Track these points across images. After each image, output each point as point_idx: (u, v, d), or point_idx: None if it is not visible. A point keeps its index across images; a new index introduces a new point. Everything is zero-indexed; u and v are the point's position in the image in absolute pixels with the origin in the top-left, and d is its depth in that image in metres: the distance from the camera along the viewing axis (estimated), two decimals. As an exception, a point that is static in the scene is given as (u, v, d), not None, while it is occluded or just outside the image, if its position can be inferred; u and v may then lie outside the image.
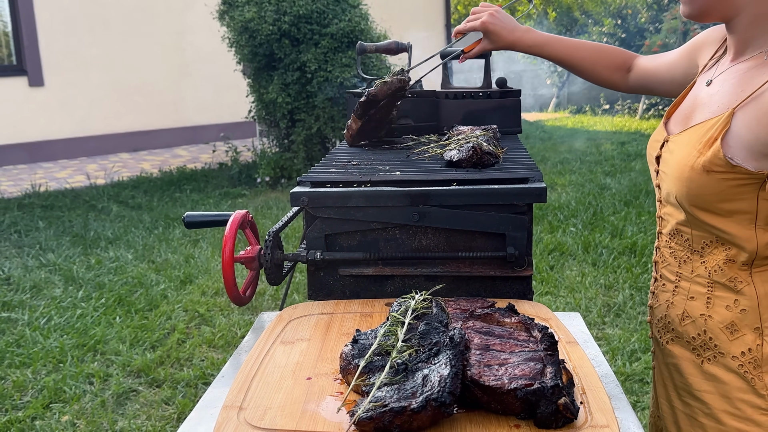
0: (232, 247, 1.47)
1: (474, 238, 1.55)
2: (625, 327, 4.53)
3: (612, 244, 6.05)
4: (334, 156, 1.96)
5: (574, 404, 0.99)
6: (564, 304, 4.87)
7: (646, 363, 4.01)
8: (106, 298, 5.16)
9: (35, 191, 8.68)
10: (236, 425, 1.01)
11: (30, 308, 5.04)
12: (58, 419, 3.62)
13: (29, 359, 4.24)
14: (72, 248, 6.42)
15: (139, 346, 4.42)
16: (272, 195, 8.45)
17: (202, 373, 4.06)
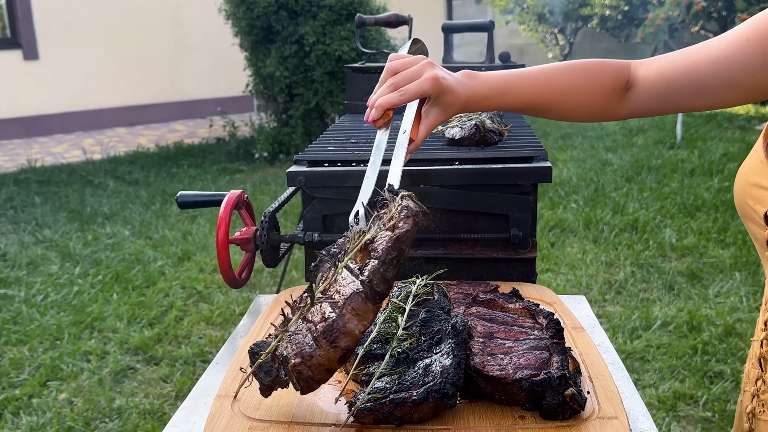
0: (226, 229, 1.42)
1: (476, 220, 1.50)
2: (626, 304, 4.51)
3: (613, 220, 6.00)
4: (332, 133, 1.90)
5: (581, 395, 0.95)
6: (565, 281, 4.84)
7: (647, 341, 3.99)
8: (104, 275, 5.12)
9: (31, 166, 8.62)
10: (230, 416, 0.97)
11: (26, 285, 5.01)
12: (55, 397, 3.60)
13: (26, 336, 4.22)
14: (68, 224, 6.38)
15: (137, 323, 4.40)
16: (270, 171, 8.39)
17: (201, 350, 4.04)
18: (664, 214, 6.15)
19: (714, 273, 4.93)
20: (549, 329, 1.06)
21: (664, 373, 3.67)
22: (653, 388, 3.56)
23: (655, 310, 4.39)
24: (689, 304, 4.43)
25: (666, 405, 3.39)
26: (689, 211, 6.21)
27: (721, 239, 5.51)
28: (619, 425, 0.93)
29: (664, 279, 4.84)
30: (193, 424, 1.02)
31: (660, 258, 5.24)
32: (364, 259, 0.95)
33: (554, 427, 0.93)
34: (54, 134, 10.99)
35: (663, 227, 5.83)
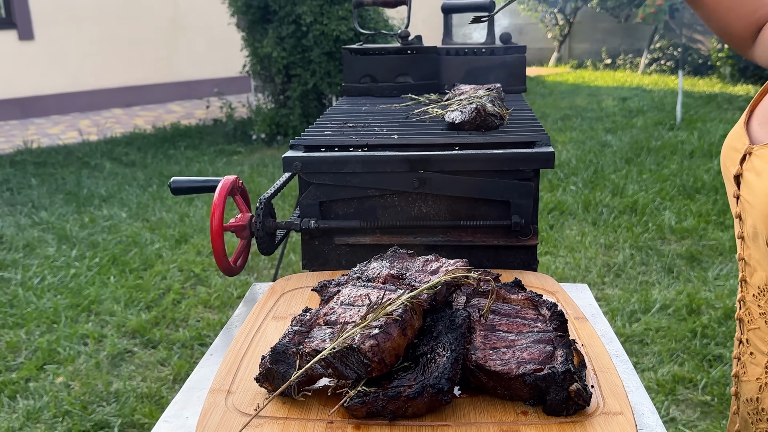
0: (221, 215, 1.39)
1: (477, 206, 1.47)
2: (625, 287, 4.49)
3: (613, 202, 5.97)
4: (329, 116, 1.86)
5: (586, 390, 0.92)
6: (563, 264, 4.82)
7: (646, 324, 3.98)
8: (100, 258, 5.09)
9: (27, 148, 8.56)
10: (224, 412, 0.95)
11: (23, 267, 4.98)
12: (52, 381, 3.58)
13: (23, 320, 4.20)
14: (65, 206, 6.34)
15: (134, 306, 4.37)
16: (268, 152, 8.33)
17: (198, 334, 4.01)
18: (664, 196, 6.11)
19: (713, 255, 4.91)
20: (552, 321, 1.03)
21: (663, 357, 3.65)
22: (652, 371, 3.54)
23: (654, 293, 4.37)
24: (688, 287, 4.41)
25: (665, 388, 3.37)
26: (689, 193, 6.18)
27: (721, 221, 5.49)
28: (624, 421, 0.90)
29: (664, 262, 4.82)
30: (185, 419, 0.99)
31: (659, 240, 5.22)
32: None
33: (558, 424, 0.91)
34: (50, 115, 10.91)
35: (662, 209, 5.80)
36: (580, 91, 12.64)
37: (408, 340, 0.96)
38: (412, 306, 0.97)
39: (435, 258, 1.19)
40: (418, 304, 0.99)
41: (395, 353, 0.94)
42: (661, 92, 11.82)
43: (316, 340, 0.96)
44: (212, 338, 4.00)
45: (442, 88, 2.24)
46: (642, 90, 12.31)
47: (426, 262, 1.16)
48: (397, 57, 2.22)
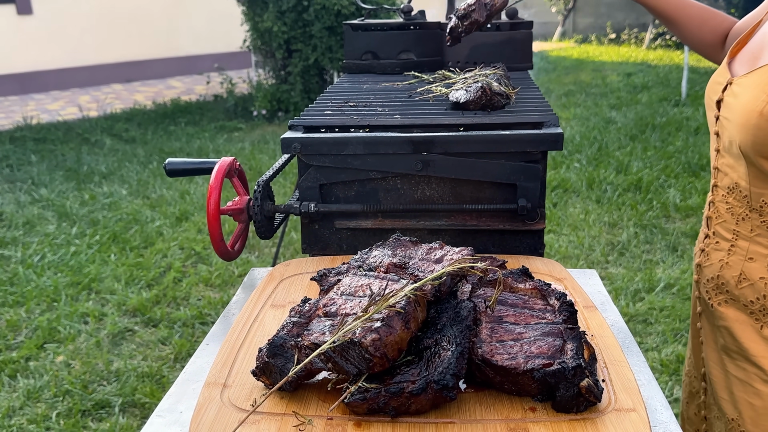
0: (218, 198, 1.34)
1: (482, 189, 1.42)
2: (629, 266, 4.45)
3: (617, 180, 5.91)
4: (330, 95, 1.80)
5: (597, 386, 0.88)
6: (567, 242, 4.78)
7: (650, 303, 3.94)
8: (101, 235, 5.06)
9: (27, 124, 8.50)
10: (219, 407, 0.91)
11: (23, 245, 4.95)
12: (52, 360, 3.56)
13: (23, 298, 4.17)
14: (65, 183, 6.29)
15: (135, 284, 4.34)
16: (269, 129, 8.26)
17: (199, 312, 3.99)
18: (669, 173, 6.06)
19: (718, 234, 4.86)
20: (562, 312, 0.99)
21: (667, 336, 3.62)
22: (656, 351, 3.52)
23: (658, 271, 4.34)
24: (693, 266, 4.37)
25: (669, 369, 3.35)
26: (694, 171, 6.12)
27: (726, 199, 5.43)
28: (637, 419, 0.86)
29: (668, 240, 4.78)
30: (180, 413, 0.96)
31: (664, 218, 5.17)
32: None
33: (568, 421, 0.87)
34: (50, 91, 10.82)
35: (667, 187, 5.75)
36: (584, 67, 12.52)
37: (411, 333, 0.92)
38: (416, 298, 0.93)
39: (439, 246, 1.15)
40: (422, 296, 0.95)
41: (398, 347, 0.90)
42: (666, 67, 11.69)
43: (315, 333, 0.92)
44: (213, 317, 3.98)
45: (447, 66, 2.18)
46: (647, 65, 12.18)
47: (430, 250, 1.12)
48: (400, 33, 2.15)
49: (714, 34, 1.58)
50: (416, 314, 0.93)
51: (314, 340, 0.90)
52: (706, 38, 1.59)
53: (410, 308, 0.92)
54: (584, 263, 4.47)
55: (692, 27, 1.58)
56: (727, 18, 1.59)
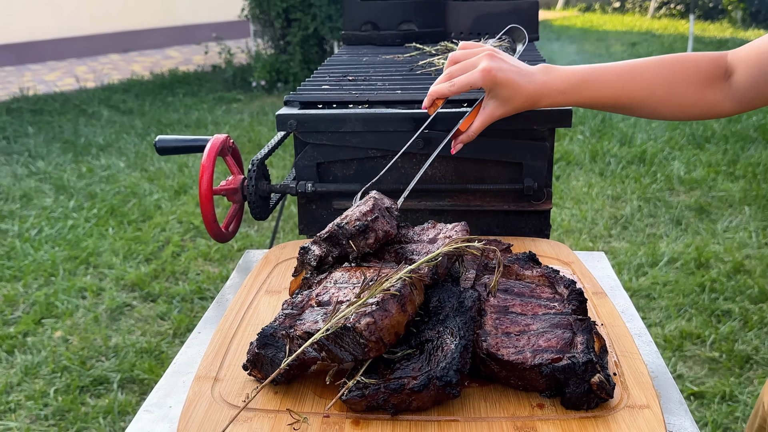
0: (210, 178, 1.28)
1: (486, 168, 1.36)
2: (632, 240, 4.40)
3: (620, 152, 5.84)
4: (327, 68, 1.74)
5: (609, 381, 0.83)
6: (569, 216, 4.73)
7: (654, 278, 3.90)
8: (98, 209, 5.01)
9: (24, 95, 8.40)
10: (210, 403, 0.86)
11: (20, 219, 4.90)
12: (50, 335, 3.53)
13: (20, 272, 4.14)
14: (62, 155, 6.23)
15: (133, 259, 4.30)
16: (268, 100, 8.17)
17: (198, 287, 3.95)
18: (673, 145, 5.98)
19: (723, 207, 4.81)
20: (571, 301, 0.94)
21: (670, 312, 3.59)
22: (659, 327, 3.48)
23: (661, 246, 4.29)
24: (697, 240, 4.32)
25: (672, 345, 3.32)
26: (698, 143, 6.05)
27: (731, 172, 5.37)
28: (651, 416, 0.82)
29: (672, 213, 4.73)
30: (169, 408, 0.91)
31: (668, 192, 5.11)
32: None
33: (578, 419, 0.82)
34: (46, 61, 10.69)
35: (671, 159, 5.68)
36: (588, 36, 12.35)
37: (408, 316, 0.86)
38: (412, 281, 0.88)
39: (431, 225, 1.09)
40: (418, 279, 0.90)
41: (394, 331, 0.85)
42: (671, 37, 11.53)
43: (308, 322, 0.87)
44: (212, 292, 3.94)
45: (449, 37, 2.10)
46: (651, 35, 12.01)
47: (422, 231, 1.06)
48: (401, 2, 2.08)
49: (696, 86, 1.15)
50: (412, 297, 0.88)
51: (307, 329, 0.85)
52: (685, 96, 1.16)
53: (406, 291, 0.86)
54: (587, 237, 4.42)
55: (659, 95, 1.16)
56: (703, 58, 1.17)
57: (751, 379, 3.05)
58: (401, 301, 0.84)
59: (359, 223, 0.97)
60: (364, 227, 0.97)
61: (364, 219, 0.98)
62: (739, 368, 3.13)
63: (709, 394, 2.97)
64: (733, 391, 2.96)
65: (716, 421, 2.81)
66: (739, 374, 3.08)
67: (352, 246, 0.96)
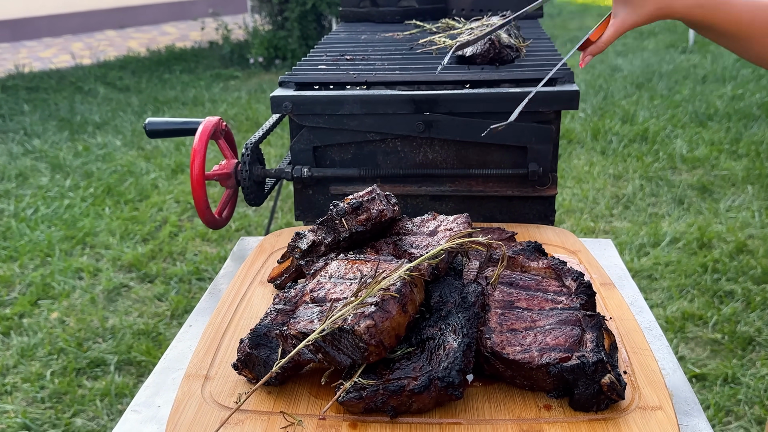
0: (202, 162, 1.23)
1: (489, 152, 1.31)
2: (634, 220, 4.35)
3: (622, 130, 5.77)
4: (324, 47, 1.68)
5: (620, 381, 0.79)
6: (571, 195, 4.67)
7: (656, 258, 3.86)
8: (95, 188, 4.95)
9: (19, 72, 8.30)
10: (200, 403, 0.82)
11: (16, 198, 4.85)
12: (46, 317, 3.50)
13: (16, 253, 4.09)
14: (58, 133, 6.15)
15: (130, 239, 4.25)
16: (266, 77, 8.07)
17: (196, 268, 3.91)
18: (675, 123, 5.91)
19: (725, 186, 4.75)
20: (579, 295, 0.89)
21: (672, 293, 3.55)
22: (661, 308, 3.45)
23: (663, 225, 4.24)
24: (699, 219, 4.27)
25: (674, 326, 3.28)
26: (701, 121, 5.97)
27: (734, 150, 5.31)
28: (664, 418, 0.77)
29: (674, 193, 4.67)
30: (157, 408, 0.87)
31: (670, 170, 5.05)
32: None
33: (587, 421, 0.78)
34: (42, 38, 10.56)
35: (674, 137, 5.61)
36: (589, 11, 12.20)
37: (409, 317, 0.82)
38: (412, 279, 0.83)
39: (431, 216, 1.04)
40: (419, 276, 0.85)
41: (395, 333, 0.80)
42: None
43: (302, 321, 0.82)
44: (210, 273, 3.90)
45: (451, 14, 2.04)
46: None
47: (422, 222, 1.02)
48: (400, -22, 2.01)
49: None
50: (413, 296, 0.83)
51: (302, 329, 0.81)
52: None
53: (406, 290, 0.82)
54: (588, 217, 4.37)
55: (756, 38, 1.13)
56: None
57: (754, 361, 3.02)
58: (402, 302, 0.79)
59: (354, 200, 0.93)
60: (358, 204, 0.92)
61: (360, 198, 0.93)
62: (742, 350, 3.10)
63: (711, 376, 2.94)
64: (736, 373, 2.93)
65: (718, 404, 2.78)
66: (741, 356, 3.05)
67: (344, 224, 0.91)
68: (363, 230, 0.92)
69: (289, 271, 0.98)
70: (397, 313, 0.80)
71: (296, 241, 0.96)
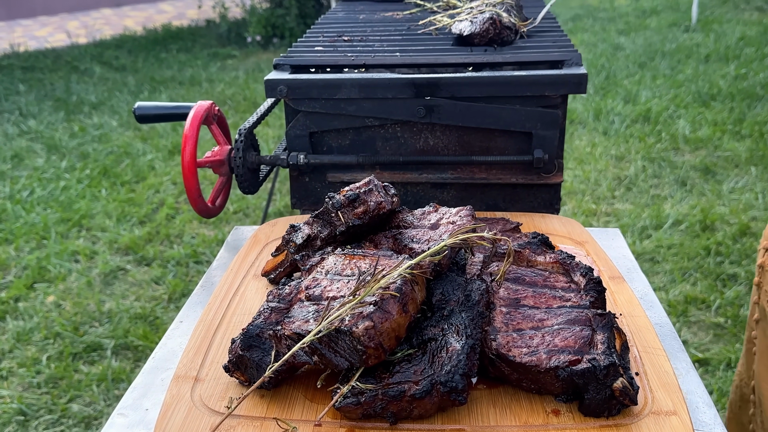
0: (193, 149, 1.18)
1: (493, 138, 1.25)
2: (636, 202, 4.31)
3: (625, 110, 5.70)
4: (321, 27, 1.62)
5: (633, 385, 0.74)
6: (572, 177, 4.62)
7: (658, 241, 3.82)
8: (91, 169, 4.89)
9: (14, 51, 8.21)
10: (189, 408, 0.78)
11: (11, 180, 4.80)
12: (42, 300, 3.46)
13: (11, 235, 4.05)
14: (54, 114, 6.09)
15: (127, 221, 4.21)
16: (264, 56, 7.98)
17: (193, 251, 3.87)
18: (678, 103, 5.84)
19: (729, 167, 4.70)
20: (588, 292, 0.85)
21: (675, 276, 3.51)
22: (663, 291, 3.41)
23: (666, 207, 4.19)
24: (702, 201, 4.23)
25: (677, 310, 3.25)
26: (704, 101, 5.90)
27: (737, 131, 5.25)
28: (678, 424, 0.73)
29: (677, 174, 4.62)
30: (145, 411, 0.82)
31: (672, 151, 4.99)
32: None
33: (597, 427, 0.74)
34: (37, 16, 10.44)
35: (676, 118, 5.54)
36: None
37: (410, 318, 0.77)
38: (413, 276, 0.78)
39: (433, 208, 0.99)
40: (420, 274, 0.80)
41: (395, 335, 0.76)
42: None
43: (297, 321, 0.78)
44: (208, 256, 3.86)
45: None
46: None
47: (423, 215, 0.97)
48: (400, -45, 1.95)
49: None
50: (414, 295, 0.79)
51: (296, 330, 0.76)
52: None
53: (407, 288, 0.77)
54: (590, 199, 4.33)
55: None
56: None
57: (757, 345, 2.99)
58: (402, 301, 0.75)
59: (350, 192, 0.88)
60: (355, 197, 0.87)
61: (356, 190, 0.88)
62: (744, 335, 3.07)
63: (714, 361, 2.91)
64: (739, 358, 2.90)
65: (721, 389, 2.75)
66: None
67: (340, 218, 0.87)
68: (360, 224, 0.87)
69: (283, 265, 0.93)
70: (398, 313, 0.75)
71: (291, 234, 0.91)
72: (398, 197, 0.95)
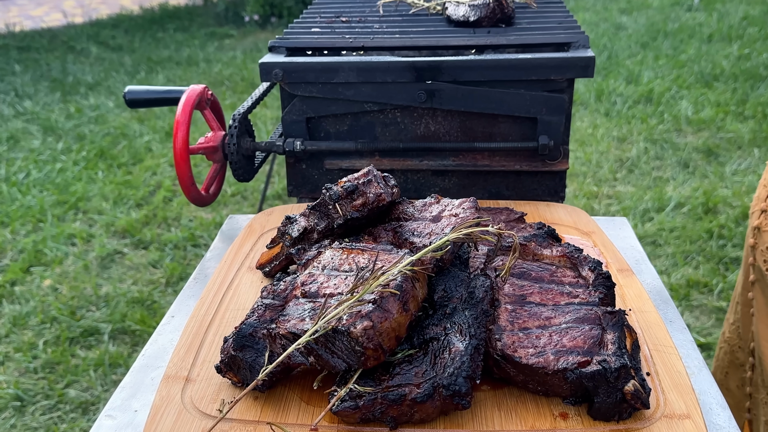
0: (186, 134, 1.14)
1: (496, 124, 1.21)
2: (638, 184, 4.26)
3: (627, 91, 5.64)
4: (318, 7, 1.56)
5: (644, 387, 0.71)
6: (573, 159, 4.57)
7: (660, 224, 3.78)
8: (88, 151, 4.84)
9: (10, 31, 8.12)
10: (179, 411, 0.74)
11: (7, 162, 4.75)
12: (38, 284, 3.43)
13: (7, 218, 4.01)
14: (50, 95, 6.02)
15: (123, 204, 4.17)
16: (262, 36, 7.89)
17: (191, 234, 3.83)
18: (681, 84, 5.77)
19: (732, 149, 4.65)
20: (597, 288, 0.81)
21: (677, 259, 3.48)
22: (665, 275, 3.38)
23: (668, 190, 4.15)
24: (705, 183, 4.18)
25: (679, 294, 3.22)
26: (707, 81, 5.84)
27: (740, 112, 5.19)
28: (692, 428, 0.70)
29: (679, 156, 4.57)
30: (134, 412, 0.79)
31: (675, 133, 4.94)
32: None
33: (607, 432, 0.70)
34: (32, -6, 10.31)
35: (679, 99, 5.48)
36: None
37: (411, 316, 0.74)
38: (414, 273, 0.74)
39: (435, 199, 0.95)
40: (422, 271, 0.76)
41: (395, 335, 0.72)
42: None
43: (292, 320, 0.74)
44: (206, 239, 3.83)
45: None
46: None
47: (424, 207, 0.92)
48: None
49: None
50: (415, 293, 0.75)
51: (292, 329, 0.73)
52: None
53: (408, 286, 0.73)
54: (591, 181, 4.28)
55: None
56: None
57: (760, 330, 2.96)
58: (403, 299, 0.71)
59: (348, 183, 0.83)
60: (353, 188, 0.83)
61: (355, 181, 0.83)
62: (748, 319, 3.04)
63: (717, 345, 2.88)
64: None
65: (724, 374, 2.73)
66: (747, 325, 3.00)
67: (338, 210, 0.82)
68: (359, 216, 0.83)
69: (279, 258, 0.89)
70: (398, 312, 0.71)
71: (287, 226, 0.87)
72: (398, 188, 0.90)
